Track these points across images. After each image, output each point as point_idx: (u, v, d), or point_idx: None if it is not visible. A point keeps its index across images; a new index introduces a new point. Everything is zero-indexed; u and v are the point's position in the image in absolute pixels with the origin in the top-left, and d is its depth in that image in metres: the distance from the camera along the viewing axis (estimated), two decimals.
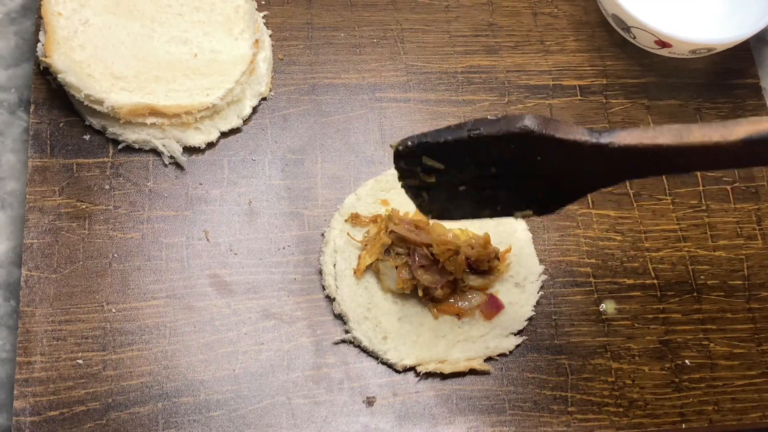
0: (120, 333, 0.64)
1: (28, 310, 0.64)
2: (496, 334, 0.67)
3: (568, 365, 0.68)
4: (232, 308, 0.66)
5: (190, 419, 0.63)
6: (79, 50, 0.69)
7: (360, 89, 0.75)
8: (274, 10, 0.78)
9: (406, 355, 0.65)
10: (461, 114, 0.75)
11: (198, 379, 0.64)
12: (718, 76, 0.80)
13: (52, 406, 0.62)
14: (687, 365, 0.69)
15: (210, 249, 0.68)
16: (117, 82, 0.69)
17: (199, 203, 0.69)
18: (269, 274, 0.68)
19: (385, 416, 0.64)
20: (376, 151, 0.73)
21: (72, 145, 0.70)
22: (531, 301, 0.68)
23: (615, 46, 0.80)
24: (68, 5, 0.71)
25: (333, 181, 0.72)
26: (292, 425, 0.63)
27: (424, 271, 0.65)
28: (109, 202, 0.68)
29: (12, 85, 0.75)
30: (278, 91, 0.74)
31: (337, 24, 0.78)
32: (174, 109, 0.69)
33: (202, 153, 0.71)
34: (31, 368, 0.62)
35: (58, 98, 0.70)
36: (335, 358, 0.66)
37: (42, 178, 0.68)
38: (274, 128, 0.73)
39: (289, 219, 0.70)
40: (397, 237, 0.66)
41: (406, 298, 0.67)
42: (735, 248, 0.73)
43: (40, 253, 0.66)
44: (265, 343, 0.66)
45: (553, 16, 0.81)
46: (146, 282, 0.66)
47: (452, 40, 0.79)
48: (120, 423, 0.62)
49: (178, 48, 0.72)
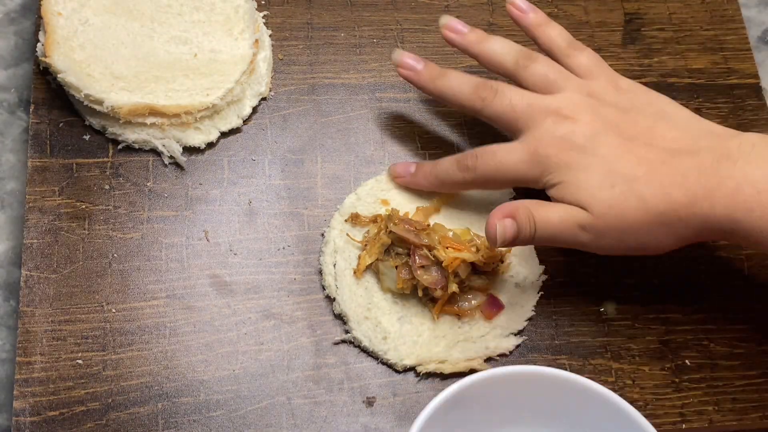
0: (120, 333, 0.64)
1: (28, 310, 0.64)
2: (496, 335, 0.67)
3: (568, 365, 0.67)
4: (232, 308, 0.66)
5: (190, 419, 0.63)
6: (78, 50, 0.69)
7: (360, 89, 0.75)
8: (274, 10, 0.78)
9: (406, 355, 0.65)
10: (461, 114, 0.75)
11: (198, 379, 0.64)
12: (718, 76, 0.80)
13: (52, 406, 0.62)
14: (687, 365, 0.69)
15: (210, 249, 0.68)
16: (117, 82, 0.69)
17: (199, 203, 0.69)
18: (269, 274, 0.68)
19: (385, 416, 0.64)
20: (376, 151, 0.73)
21: (72, 145, 0.70)
22: (531, 302, 0.68)
23: (615, 46, 0.80)
24: (68, 5, 0.71)
25: (333, 181, 0.72)
26: (292, 425, 0.63)
27: (424, 272, 0.65)
28: (109, 202, 0.68)
29: (12, 85, 0.75)
30: (278, 91, 0.74)
31: (337, 24, 0.78)
32: (174, 109, 0.69)
33: (202, 153, 0.71)
34: (30, 368, 0.62)
35: (58, 98, 0.70)
36: (335, 358, 0.66)
37: (42, 178, 0.68)
38: (274, 128, 0.73)
39: (289, 219, 0.70)
40: (396, 237, 0.66)
41: (406, 298, 0.67)
42: (735, 248, 0.73)
43: (40, 253, 0.66)
44: (265, 343, 0.66)
45: (553, 16, 0.81)
46: (146, 282, 0.66)
47: None
48: (120, 423, 0.62)
49: (178, 48, 0.72)
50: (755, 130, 0.78)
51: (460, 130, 0.75)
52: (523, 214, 0.62)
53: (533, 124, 0.65)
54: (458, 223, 0.70)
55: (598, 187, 0.62)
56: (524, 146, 0.65)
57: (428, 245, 0.65)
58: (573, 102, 0.65)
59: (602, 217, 0.61)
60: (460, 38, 0.70)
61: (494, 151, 0.66)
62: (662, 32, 0.82)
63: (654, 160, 0.62)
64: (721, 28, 0.83)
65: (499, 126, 0.67)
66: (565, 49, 0.68)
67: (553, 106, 0.65)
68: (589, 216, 0.62)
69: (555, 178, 0.63)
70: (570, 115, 0.64)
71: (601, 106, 0.65)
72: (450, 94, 0.68)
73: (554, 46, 0.69)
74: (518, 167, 0.64)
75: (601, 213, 0.61)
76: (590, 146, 0.63)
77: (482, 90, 0.67)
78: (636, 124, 0.64)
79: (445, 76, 0.68)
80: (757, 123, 0.79)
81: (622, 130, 0.64)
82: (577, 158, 0.63)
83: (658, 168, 0.61)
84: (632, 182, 0.61)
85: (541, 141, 0.64)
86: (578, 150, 0.63)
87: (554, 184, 0.63)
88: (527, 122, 0.65)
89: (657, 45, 0.81)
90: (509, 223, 0.61)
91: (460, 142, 0.74)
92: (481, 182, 0.67)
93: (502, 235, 0.61)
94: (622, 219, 0.61)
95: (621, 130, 0.64)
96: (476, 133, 0.75)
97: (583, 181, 0.62)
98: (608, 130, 0.63)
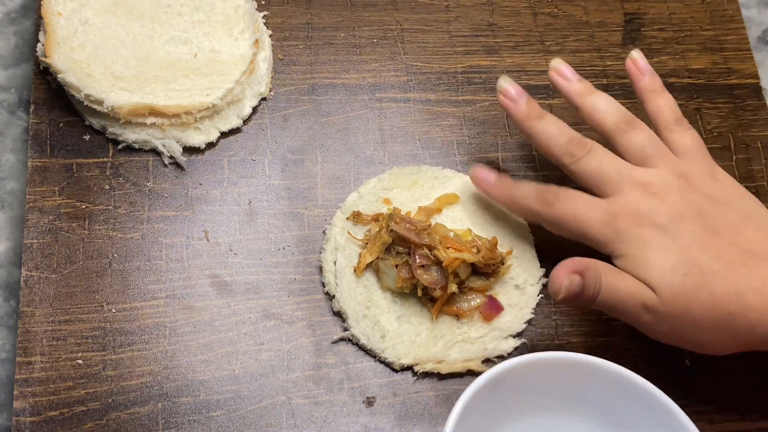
0: (120, 333, 0.64)
1: (28, 310, 0.64)
2: (495, 336, 0.67)
3: None
4: (232, 308, 0.66)
5: (190, 419, 0.63)
6: (78, 50, 0.69)
7: (360, 89, 0.75)
8: (274, 10, 0.78)
9: (404, 354, 0.65)
10: (461, 114, 0.75)
11: (198, 379, 0.64)
12: (718, 76, 0.80)
13: (52, 406, 0.62)
14: (687, 365, 0.69)
15: (210, 249, 0.68)
16: (117, 82, 0.69)
17: (199, 203, 0.69)
18: (269, 274, 0.68)
19: (385, 416, 0.64)
20: (376, 151, 0.73)
21: (72, 145, 0.70)
22: (531, 304, 0.68)
23: (615, 46, 0.80)
24: (68, 5, 0.71)
25: (333, 181, 0.72)
26: (292, 425, 0.63)
27: (424, 271, 0.65)
28: (109, 202, 0.68)
29: (12, 85, 0.75)
30: (278, 91, 0.74)
31: (337, 24, 0.78)
32: (174, 109, 0.69)
33: (202, 153, 0.71)
34: (30, 368, 0.62)
35: (58, 98, 0.71)
36: (335, 358, 0.66)
37: (42, 178, 0.68)
38: (274, 128, 0.73)
39: (289, 219, 0.70)
40: (397, 236, 0.66)
41: (405, 298, 0.67)
42: None
43: (40, 253, 0.66)
44: (265, 343, 0.66)
45: (553, 16, 0.81)
46: (146, 282, 0.66)
47: (452, 40, 0.79)
48: (120, 423, 0.62)
49: (177, 48, 0.72)
50: (755, 131, 0.78)
51: (460, 130, 0.75)
52: (591, 275, 0.60)
53: (619, 191, 0.63)
54: (459, 223, 0.70)
55: (670, 271, 0.60)
56: (606, 206, 0.63)
57: (429, 245, 0.65)
58: (664, 180, 0.63)
59: (668, 303, 0.60)
60: (567, 85, 0.68)
61: (576, 199, 0.64)
62: (662, 32, 0.82)
63: (734, 259, 0.60)
64: (721, 28, 0.83)
65: (584, 184, 0.65)
66: (671, 123, 0.67)
67: (643, 179, 0.63)
68: (655, 298, 0.60)
69: (626, 250, 0.61)
70: (658, 192, 0.62)
71: (691, 191, 0.63)
72: (542, 139, 0.66)
73: (661, 118, 0.67)
74: (593, 224, 0.62)
75: (667, 299, 0.60)
76: (672, 228, 0.61)
77: (575, 145, 0.65)
78: (723, 219, 0.62)
79: (543, 120, 0.66)
80: (757, 123, 0.79)
81: (707, 220, 0.61)
82: (655, 236, 0.61)
83: (737, 268, 0.59)
84: (707, 275, 0.59)
85: (624, 209, 0.62)
86: (658, 228, 0.61)
87: (623, 255, 0.61)
88: (613, 188, 0.63)
89: (657, 45, 0.81)
90: (576, 279, 0.59)
91: (460, 142, 0.74)
92: (552, 222, 0.65)
93: (566, 289, 0.59)
94: (688, 310, 0.59)
95: (707, 220, 0.61)
96: (476, 134, 0.75)
97: (655, 260, 0.60)
98: (693, 217, 0.61)
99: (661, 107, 0.67)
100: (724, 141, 0.78)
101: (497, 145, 0.75)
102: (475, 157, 0.74)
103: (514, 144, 0.75)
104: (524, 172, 0.74)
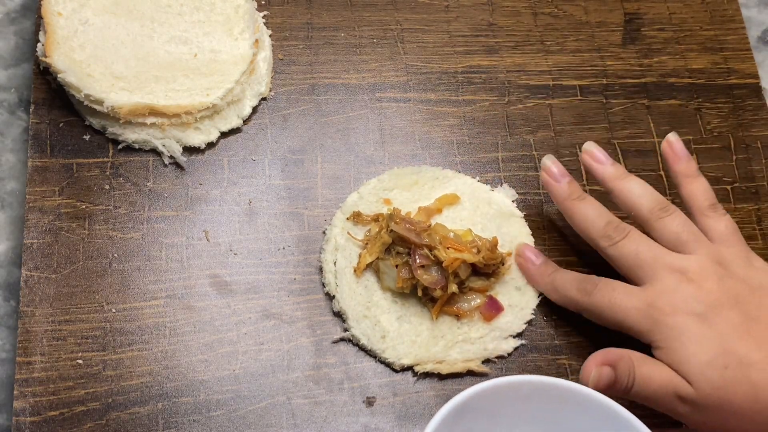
0: (120, 333, 0.64)
1: (28, 310, 0.64)
2: (495, 336, 0.67)
3: (568, 365, 0.67)
4: (232, 308, 0.66)
5: (190, 419, 0.63)
6: (78, 50, 0.69)
7: (360, 89, 0.75)
8: (274, 10, 0.78)
9: (404, 354, 0.65)
10: (461, 114, 0.75)
11: (198, 379, 0.64)
12: (718, 76, 0.80)
13: (52, 406, 0.62)
14: None
15: (210, 249, 0.68)
16: (117, 82, 0.69)
17: (199, 203, 0.69)
18: (269, 274, 0.68)
19: (385, 416, 0.64)
20: (376, 151, 0.73)
21: (72, 145, 0.70)
22: (531, 304, 0.68)
23: (615, 46, 0.80)
24: (68, 5, 0.71)
25: (333, 181, 0.72)
26: (292, 425, 0.63)
27: (424, 271, 0.65)
28: (109, 202, 0.68)
29: (12, 85, 0.75)
30: (278, 91, 0.74)
31: (337, 24, 0.78)
32: (174, 109, 0.69)
33: (202, 153, 0.71)
34: (31, 368, 0.62)
35: (58, 98, 0.71)
36: (335, 358, 0.66)
37: (42, 178, 0.68)
38: (274, 128, 0.73)
39: (289, 219, 0.70)
40: (397, 236, 0.66)
41: (405, 298, 0.67)
42: None
43: (40, 253, 0.66)
44: (265, 343, 0.66)
45: (553, 16, 0.81)
46: (146, 282, 0.66)
47: (452, 40, 0.79)
48: (120, 423, 0.62)
49: (178, 48, 0.72)
50: (755, 131, 0.78)
51: (460, 130, 0.75)
52: (624, 367, 0.59)
53: (655, 277, 0.62)
54: (459, 223, 0.70)
55: (708, 364, 0.59)
56: (643, 295, 0.62)
57: (429, 245, 0.65)
58: (701, 266, 0.62)
59: (706, 396, 0.59)
60: (601, 168, 0.68)
61: (614, 288, 0.63)
62: (662, 32, 0.82)
63: None
64: (721, 28, 0.83)
65: (620, 268, 0.65)
66: (706, 209, 0.66)
67: (679, 265, 0.62)
68: (692, 390, 0.59)
69: (664, 342, 0.61)
70: (695, 278, 0.62)
71: (728, 277, 0.62)
72: (581, 220, 0.66)
73: (695, 203, 0.66)
74: (629, 313, 0.62)
75: (705, 392, 0.59)
76: (710, 316, 0.60)
77: (612, 229, 0.65)
78: (761, 305, 0.61)
79: (583, 202, 0.66)
80: (757, 123, 0.79)
81: (745, 307, 0.61)
82: (692, 325, 0.60)
83: None
84: (747, 367, 0.58)
85: (660, 296, 0.61)
86: (695, 316, 0.60)
87: (661, 347, 0.61)
88: (649, 274, 0.63)
89: (657, 45, 0.81)
90: (607, 371, 0.59)
91: (460, 142, 0.74)
92: (591, 311, 0.65)
93: (595, 380, 0.58)
94: (728, 403, 0.59)
95: (744, 307, 0.61)
96: (476, 134, 0.75)
97: (693, 354, 0.59)
98: (732, 305, 0.61)
99: (695, 192, 0.67)
100: (724, 141, 0.78)
101: (497, 145, 0.75)
102: (475, 157, 0.74)
103: (514, 144, 0.75)
104: (524, 172, 0.74)
